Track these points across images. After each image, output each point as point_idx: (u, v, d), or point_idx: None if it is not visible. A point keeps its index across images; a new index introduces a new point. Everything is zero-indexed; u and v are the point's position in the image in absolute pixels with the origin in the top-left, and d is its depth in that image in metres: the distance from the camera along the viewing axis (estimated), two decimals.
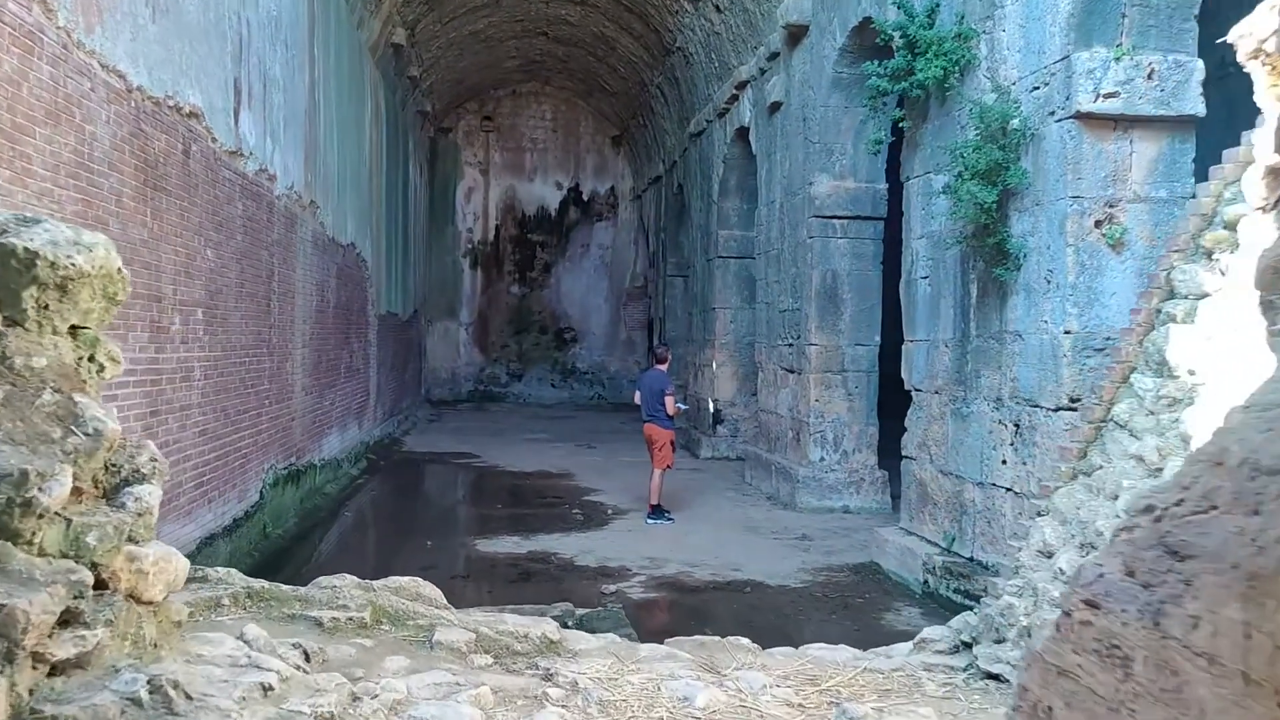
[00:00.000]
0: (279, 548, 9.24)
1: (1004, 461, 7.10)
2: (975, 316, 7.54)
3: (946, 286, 8.03)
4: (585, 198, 26.50)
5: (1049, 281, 6.55)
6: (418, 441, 18.31)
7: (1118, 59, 6.23)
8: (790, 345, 12.28)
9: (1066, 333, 6.38)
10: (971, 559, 7.53)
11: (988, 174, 6.87)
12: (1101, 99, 6.24)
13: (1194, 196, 5.96)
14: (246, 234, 8.60)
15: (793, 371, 12.18)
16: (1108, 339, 6.35)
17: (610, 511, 11.52)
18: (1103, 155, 6.35)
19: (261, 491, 9.16)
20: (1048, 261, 6.57)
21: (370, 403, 15.95)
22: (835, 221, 11.47)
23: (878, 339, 11.63)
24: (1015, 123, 6.85)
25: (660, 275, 22.60)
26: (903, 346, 8.92)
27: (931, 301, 8.30)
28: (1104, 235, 6.34)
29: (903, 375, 8.91)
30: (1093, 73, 6.24)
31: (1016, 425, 6.94)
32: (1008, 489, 7.03)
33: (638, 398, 11.63)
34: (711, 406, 16.56)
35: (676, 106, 19.46)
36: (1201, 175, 6.24)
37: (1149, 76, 6.26)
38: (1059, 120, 6.45)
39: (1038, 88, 6.69)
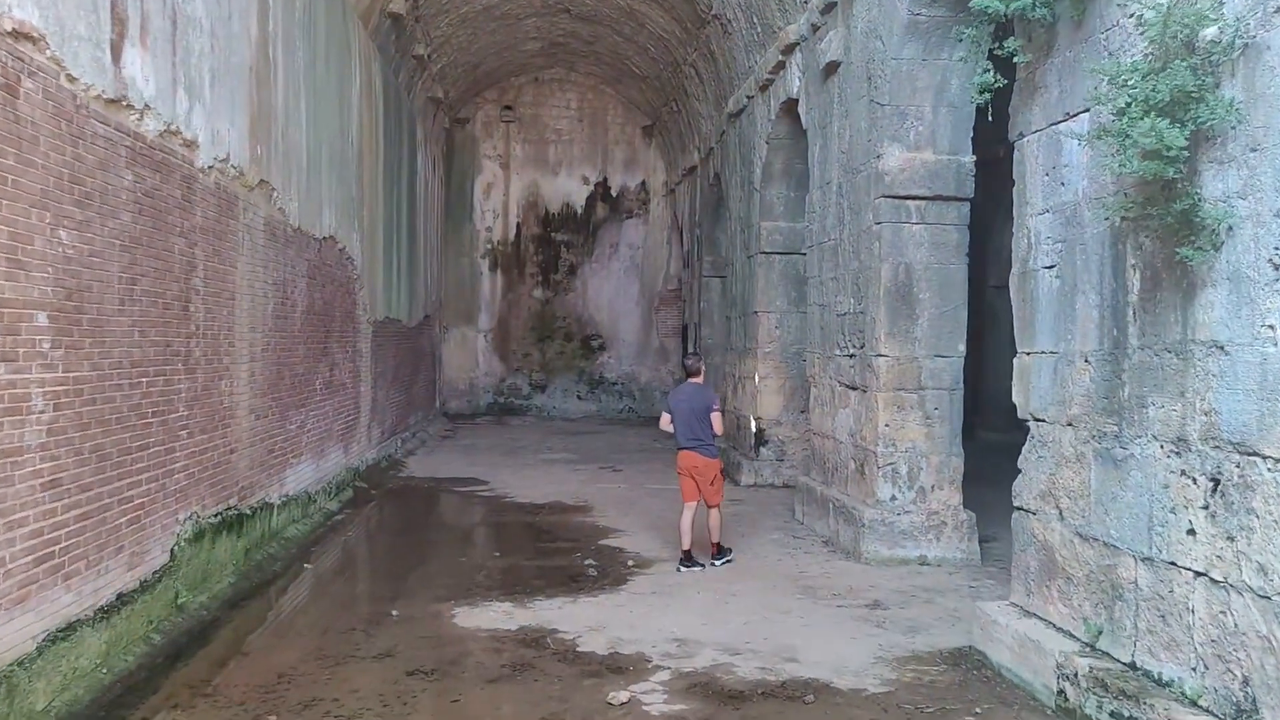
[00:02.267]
0: (199, 622, 7.14)
1: (1191, 532, 4.84)
2: (1138, 319, 5.28)
3: (1087, 277, 5.77)
4: (614, 193, 24.39)
5: (1278, 267, 4.30)
6: (422, 464, 16.24)
7: None
8: (851, 356, 10.04)
9: None
10: (1134, 665, 5.26)
11: (1171, 108, 4.62)
12: None
13: None
14: (142, 214, 6.51)
15: (855, 388, 9.94)
16: None
17: (631, 563, 9.33)
18: None
19: (173, 550, 7.06)
20: (1274, 236, 4.31)
21: (361, 422, 13.89)
22: (909, 203, 9.22)
23: (962, 349, 9.38)
24: (1211, 30, 4.60)
25: (695, 276, 20.43)
26: (1015, 361, 6.67)
27: (1062, 299, 6.05)
28: None
29: (1015, 399, 6.67)
30: None
31: (1215, 481, 4.68)
32: (1200, 573, 4.77)
33: (667, 421, 9.46)
34: (754, 425, 14.34)
35: (713, 85, 17.28)
36: None
37: None
38: None
39: None
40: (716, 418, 9.29)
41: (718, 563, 9.22)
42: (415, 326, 19.12)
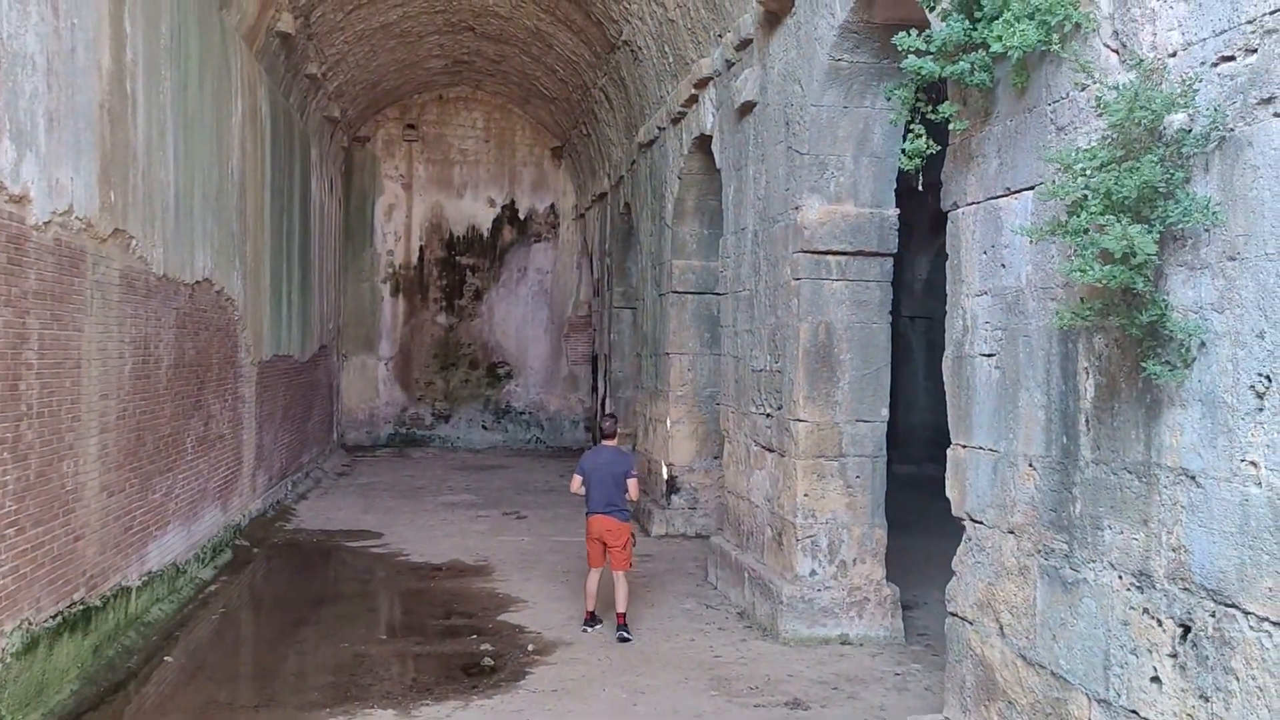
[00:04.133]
0: None
1: (1156, 680, 4.28)
2: (1092, 429, 4.72)
3: (1032, 374, 5.21)
4: (521, 216, 23.58)
5: (1261, 395, 3.75)
6: (313, 509, 15.24)
7: None
8: (768, 416, 9.44)
9: None
10: None
11: (1137, 205, 4.06)
12: None
13: None
14: None
15: (772, 450, 9.34)
16: None
17: (531, 646, 8.56)
18: None
19: None
20: (1257, 360, 3.76)
21: (244, 473, 12.87)
22: (830, 258, 8.66)
23: (885, 413, 8.84)
24: (1180, 118, 4.05)
25: (606, 306, 19.75)
26: (949, 452, 6.10)
27: (1003, 393, 5.49)
28: None
29: (948, 494, 6.09)
30: None
31: (1185, 628, 4.12)
32: None
33: (578, 484, 9.12)
34: (665, 472, 13.69)
35: (624, 112, 16.62)
36: None
37: None
38: None
39: (1230, 58, 3.89)
40: (634, 484, 9.13)
41: (628, 636, 8.77)
42: (309, 360, 18.08)
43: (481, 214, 23.47)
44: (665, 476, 13.69)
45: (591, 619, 9.07)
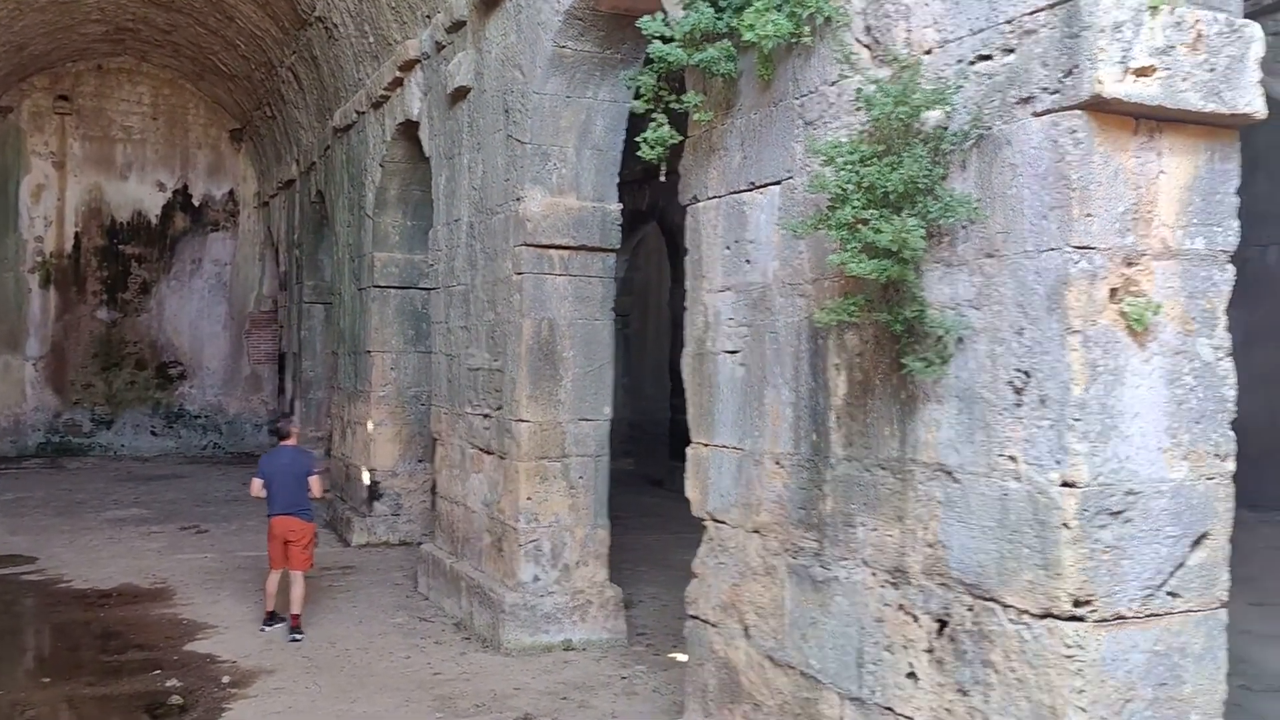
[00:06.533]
0: None
1: (912, 675, 4.28)
2: (843, 426, 4.69)
3: (779, 370, 5.14)
4: (196, 203, 21.75)
5: (1019, 391, 3.79)
6: None
7: (1154, 9, 3.58)
8: (487, 417, 9.02)
9: (1067, 485, 3.63)
10: None
11: (900, 200, 4.03)
12: (1131, 78, 3.57)
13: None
14: None
15: (490, 453, 8.93)
16: (1131, 494, 3.69)
17: (227, 679, 7.65)
18: (1120, 176, 3.68)
19: None
20: (1016, 355, 3.81)
21: None
22: (553, 253, 8.35)
23: (608, 411, 8.66)
24: (935, 114, 4.06)
25: (294, 301, 18.50)
26: (689, 450, 5.96)
27: (748, 390, 5.39)
28: (1124, 314, 3.67)
29: (688, 494, 5.96)
30: (1120, 30, 3.54)
31: (941, 622, 4.13)
32: None
33: (259, 487, 8.92)
34: (367, 478, 12.92)
35: (316, 94, 15.59)
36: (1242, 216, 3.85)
37: (1194, 45, 3.67)
38: (1044, 113, 3.70)
39: (988, 57, 3.93)
40: (316, 481, 9.02)
41: (299, 637, 8.58)
42: None
43: (149, 199, 21.39)
44: (367, 482, 12.92)
45: (271, 618, 8.87)
